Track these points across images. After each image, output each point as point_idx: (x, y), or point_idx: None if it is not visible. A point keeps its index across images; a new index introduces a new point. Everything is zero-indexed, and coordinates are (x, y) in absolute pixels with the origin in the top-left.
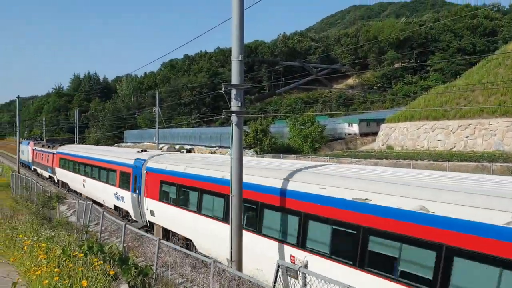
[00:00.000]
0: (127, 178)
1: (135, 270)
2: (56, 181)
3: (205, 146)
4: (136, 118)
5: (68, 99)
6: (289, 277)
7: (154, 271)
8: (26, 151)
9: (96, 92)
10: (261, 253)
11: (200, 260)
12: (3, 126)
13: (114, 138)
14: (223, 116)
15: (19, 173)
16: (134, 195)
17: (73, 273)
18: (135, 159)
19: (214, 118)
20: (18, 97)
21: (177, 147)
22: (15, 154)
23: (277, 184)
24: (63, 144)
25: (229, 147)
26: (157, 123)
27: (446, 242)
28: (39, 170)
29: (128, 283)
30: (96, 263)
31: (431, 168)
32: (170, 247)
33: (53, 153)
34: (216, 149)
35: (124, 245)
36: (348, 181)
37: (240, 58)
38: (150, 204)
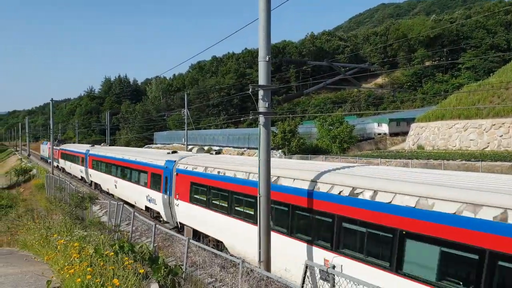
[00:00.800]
0: (82, 160)
1: (165, 270)
2: (59, 168)
3: (233, 147)
4: (165, 120)
5: (99, 102)
6: (317, 278)
7: (184, 270)
8: (46, 149)
9: (126, 94)
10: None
11: (229, 260)
12: (37, 128)
13: (144, 140)
14: (251, 117)
15: (53, 174)
16: (84, 168)
17: (104, 272)
18: (86, 150)
19: (242, 119)
20: (52, 100)
21: (206, 148)
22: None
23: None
24: (64, 143)
25: (257, 148)
26: (185, 125)
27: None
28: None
29: (158, 282)
30: (127, 262)
31: (464, 168)
32: (199, 247)
33: (58, 149)
34: (244, 150)
35: (155, 245)
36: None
37: (267, 59)
38: (90, 171)
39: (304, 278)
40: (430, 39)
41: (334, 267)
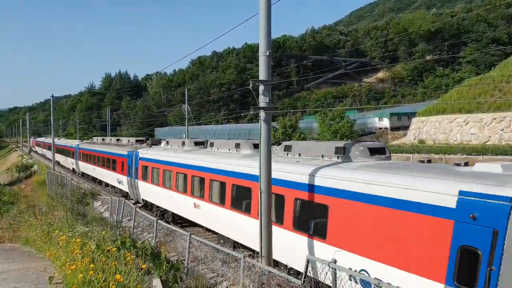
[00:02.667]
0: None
1: (166, 265)
2: (35, 151)
3: None
4: (166, 116)
5: (100, 98)
6: (318, 272)
7: (186, 266)
8: (31, 141)
9: (127, 90)
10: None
11: (231, 255)
12: (38, 125)
13: (145, 136)
14: (251, 112)
15: (54, 170)
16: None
17: (106, 267)
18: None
19: (242, 114)
20: (52, 96)
21: None
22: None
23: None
24: (39, 136)
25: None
26: (186, 120)
27: None
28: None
29: (160, 277)
30: (129, 258)
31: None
32: (201, 242)
33: (35, 140)
34: None
35: (156, 240)
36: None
37: (267, 54)
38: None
39: (305, 272)
40: (430, 33)
41: (335, 261)
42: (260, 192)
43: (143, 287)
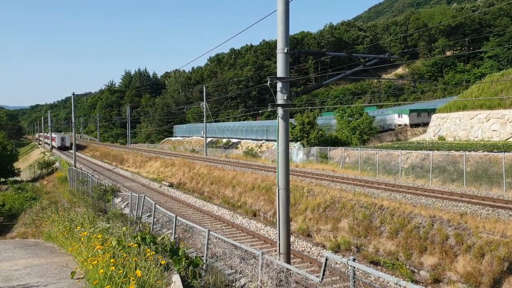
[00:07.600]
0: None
1: (185, 261)
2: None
3: (252, 140)
4: (184, 113)
5: (120, 95)
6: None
7: (204, 262)
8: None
9: (146, 88)
10: None
11: (249, 252)
12: (60, 122)
13: (164, 133)
14: (269, 109)
15: (75, 167)
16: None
17: (127, 263)
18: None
19: (260, 111)
20: (73, 94)
21: (224, 140)
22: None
23: None
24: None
25: (275, 140)
26: (204, 117)
27: None
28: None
29: (179, 273)
30: (149, 254)
31: (486, 159)
32: (219, 239)
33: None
34: (263, 142)
35: (175, 236)
36: None
37: (285, 51)
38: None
39: (324, 270)
40: (451, 28)
41: (354, 259)
42: (278, 189)
43: (163, 282)
